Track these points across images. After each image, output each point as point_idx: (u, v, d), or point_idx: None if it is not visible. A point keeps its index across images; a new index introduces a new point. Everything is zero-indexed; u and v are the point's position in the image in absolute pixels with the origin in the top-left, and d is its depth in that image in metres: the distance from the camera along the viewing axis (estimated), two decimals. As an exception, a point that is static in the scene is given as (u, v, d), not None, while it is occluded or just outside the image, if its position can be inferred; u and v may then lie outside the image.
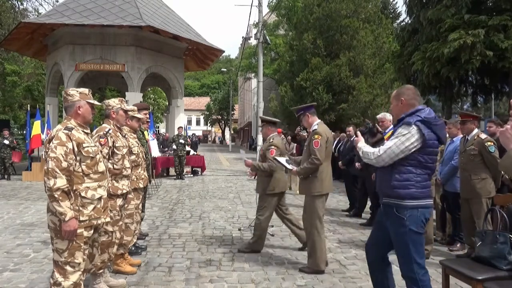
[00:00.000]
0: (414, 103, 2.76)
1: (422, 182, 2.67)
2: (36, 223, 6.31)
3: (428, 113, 2.69)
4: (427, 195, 2.71)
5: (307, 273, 4.07)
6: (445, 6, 10.27)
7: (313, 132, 4.09)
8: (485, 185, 4.41)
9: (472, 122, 4.62)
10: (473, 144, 4.51)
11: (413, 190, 2.66)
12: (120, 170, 3.64)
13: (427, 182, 2.72)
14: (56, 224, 2.73)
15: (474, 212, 4.46)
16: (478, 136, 4.52)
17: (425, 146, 2.63)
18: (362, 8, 18.76)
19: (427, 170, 2.70)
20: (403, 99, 2.78)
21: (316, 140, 3.99)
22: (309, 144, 4.09)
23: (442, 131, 2.70)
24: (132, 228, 4.15)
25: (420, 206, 2.67)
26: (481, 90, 13.09)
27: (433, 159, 2.72)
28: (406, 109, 2.76)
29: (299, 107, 4.40)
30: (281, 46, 25.21)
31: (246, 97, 46.90)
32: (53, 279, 2.76)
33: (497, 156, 4.39)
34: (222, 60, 59.84)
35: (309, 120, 4.22)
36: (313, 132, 4.08)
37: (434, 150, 2.69)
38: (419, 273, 2.68)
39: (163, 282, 3.83)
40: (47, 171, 2.64)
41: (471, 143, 4.54)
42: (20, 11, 20.78)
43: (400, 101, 2.80)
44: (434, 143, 2.67)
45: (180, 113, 16.41)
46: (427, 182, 2.72)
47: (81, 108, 2.93)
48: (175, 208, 7.74)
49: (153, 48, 14.95)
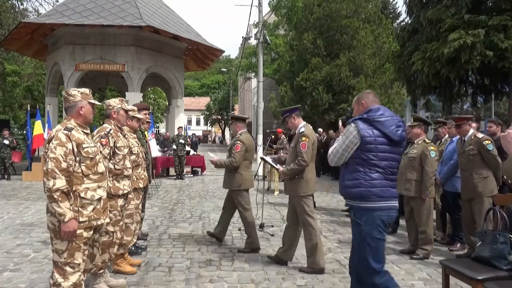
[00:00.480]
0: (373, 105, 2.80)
1: (370, 181, 2.67)
2: (36, 223, 6.31)
3: (376, 111, 2.73)
4: (381, 196, 2.66)
5: (307, 272, 4.07)
6: (445, 6, 10.25)
7: (300, 134, 4.14)
8: (487, 183, 4.42)
9: (466, 123, 4.65)
10: (471, 144, 4.53)
11: (362, 189, 2.67)
12: (121, 170, 3.64)
13: (379, 181, 2.68)
14: (55, 224, 2.73)
15: (475, 212, 4.46)
16: (475, 136, 4.55)
17: (364, 143, 2.65)
18: (362, 8, 18.76)
19: (376, 168, 2.68)
20: (363, 103, 2.85)
21: (304, 142, 4.05)
22: (295, 146, 4.14)
23: (389, 127, 2.68)
24: (132, 228, 4.15)
25: (376, 208, 2.65)
26: (481, 90, 13.07)
27: (379, 157, 2.68)
28: None
29: (285, 109, 4.48)
30: (281, 46, 25.20)
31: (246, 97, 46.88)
32: (53, 280, 2.75)
33: (495, 153, 4.41)
34: (222, 60, 59.79)
35: (295, 122, 4.29)
36: (301, 134, 4.13)
37: (377, 147, 2.66)
38: (374, 278, 2.67)
39: (163, 282, 3.83)
40: (47, 172, 2.64)
41: (469, 143, 4.56)
42: (20, 11, 20.77)
43: (361, 104, 2.87)
44: (376, 139, 2.66)
45: (180, 113, 16.41)
46: (378, 181, 2.68)
47: (83, 109, 2.93)
48: (175, 208, 7.74)
49: (153, 48, 14.95)
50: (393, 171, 2.77)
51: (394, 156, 2.77)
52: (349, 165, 2.75)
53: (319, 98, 17.54)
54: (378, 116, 2.70)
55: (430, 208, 4.70)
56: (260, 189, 7.14)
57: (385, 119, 2.70)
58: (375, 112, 2.73)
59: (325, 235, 5.71)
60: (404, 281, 3.94)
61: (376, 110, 2.75)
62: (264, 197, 6.58)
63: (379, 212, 2.67)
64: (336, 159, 2.77)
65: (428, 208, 4.68)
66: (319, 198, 9.21)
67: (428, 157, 4.62)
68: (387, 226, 2.75)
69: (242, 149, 4.73)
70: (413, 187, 4.67)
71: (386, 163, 2.71)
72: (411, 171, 4.72)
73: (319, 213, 7.32)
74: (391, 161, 2.74)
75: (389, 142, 2.69)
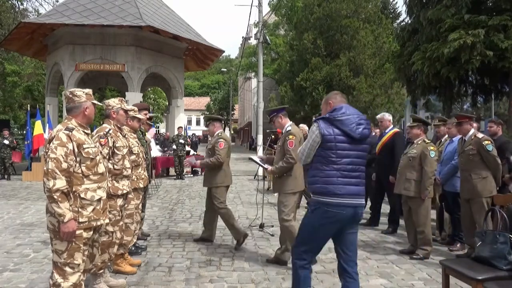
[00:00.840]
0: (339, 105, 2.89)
1: (325, 178, 2.76)
2: (36, 223, 6.31)
3: (338, 111, 2.81)
4: (335, 193, 2.73)
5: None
6: (445, 6, 10.26)
7: (287, 133, 4.25)
8: (486, 184, 4.41)
9: (468, 122, 4.64)
10: (471, 144, 4.52)
11: (318, 186, 2.79)
12: (120, 170, 3.63)
13: (335, 179, 2.74)
14: (55, 225, 2.73)
15: (474, 212, 4.46)
16: (476, 136, 4.54)
17: (324, 141, 2.75)
18: (362, 8, 18.76)
19: (333, 166, 2.75)
20: (330, 103, 2.93)
21: (291, 140, 4.15)
22: (283, 145, 4.24)
23: (348, 126, 2.75)
24: (132, 228, 4.15)
25: (326, 203, 2.75)
26: (481, 90, 13.07)
27: (339, 154, 2.75)
28: None
29: (272, 109, 4.59)
30: (281, 46, 25.21)
31: (246, 97, 46.91)
32: (53, 280, 2.75)
33: (495, 154, 4.41)
34: (222, 60, 59.81)
35: (282, 122, 4.41)
36: (288, 133, 4.25)
37: (337, 145, 2.75)
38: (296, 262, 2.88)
39: (163, 282, 3.83)
40: (47, 172, 2.63)
41: (469, 143, 4.55)
42: (20, 11, 20.77)
43: (328, 104, 2.95)
44: (336, 138, 2.74)
45: (180, 113, 16.41)
46: (333, 178, 2.74)
47: (87, 109, 2.94)
48: (175, 208, 7.74)
49: (153, 48, 14.95)
50: (356, 168, 2.80)
51: (357, 153, 2.81)
52: (313, 163, 2.87)
53: (319, 98, 17.50)
54: (340, 115, 2.78)
55: (428, 208, 4.70)
56: (260, 189, 7.14)
57: (345, 118, 2.77)
58: (337, 111, 2.81)
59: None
60: (404, 281, 3.94)
61: (339, 109, 2.82)
62: (264, 197, 6.58)
63: (329, 207, 2.74)
64: (304, 157, 2.89)
65: (426, 209, 4.67)
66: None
67: (427, 157, 4.62)
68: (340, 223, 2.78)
69: (225, 146, 4.98)
70: (412, 187, 4.67)
71: (347, 160, 2.77)
72: (410, 170, 4.72)
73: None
74: (353, 158, 2.79)
75: (349, 140, 2.76)
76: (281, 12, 25.84)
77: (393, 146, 5.93)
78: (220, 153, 4.90)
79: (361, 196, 2.84)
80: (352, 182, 2.78)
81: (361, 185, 2.84)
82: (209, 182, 5.05)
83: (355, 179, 2.80)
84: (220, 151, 4.91)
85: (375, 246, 5.23)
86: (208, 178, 5.07)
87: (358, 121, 2.78)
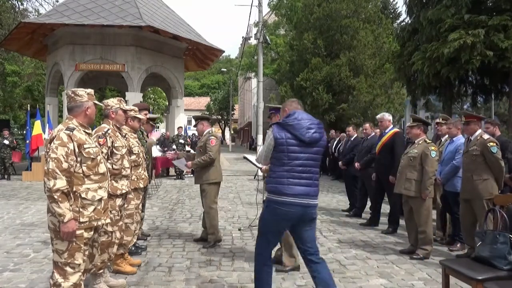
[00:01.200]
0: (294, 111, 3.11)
1: (276, 178, 2.98)
2: (36, 223, 6.31)
3: (291, 116, 3.03)
4: (284, 193, 2.93)
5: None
6: (445, 6, 10.25)
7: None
8: (487, 185, 4.39)
9: (476, 123, 4.62)
10: (475, 144, 4.50)
11: (270, 185, 3.03)
12: (119, 170, 3.63)
13: (286, 179, 2.94)
14: (56, 225, 2.73)
15: (475, 213, 4.45)
16: (481, 137, 4.52)
17: (277, 144, 2.98)
18: (362, 8, 18.75)
19: (284, 167, 2.96)
20: (286, 109, 3.20)
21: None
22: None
23: (299, 130, 2.96)
24: (132, 228, 4.15)
25: (276, 202, 2.97)
26: (481, 90, 13.06)
27: (290, 157, 2.95)
28: None
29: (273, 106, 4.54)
30: (281, 46, 25.20)
31: (246, 97, 46.89)
32: (53, 280, 2.75)
33: (499, 156, 4.37)
34: (222, 60, 59.78)
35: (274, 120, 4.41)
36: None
37: (288, 147, 2.96)
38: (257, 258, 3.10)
39: (163, 282, 3.83)
40: (48, 172, 2.63)
41: (473, 143, 4.53)
42: (20, 11, 20.77)
43: (284, 111, 3.22)
44: (287, 141, 2.96)
45: (180, 113, 16.40)
46: (284, 179, 2.95)
47: (89, 109, 2.95)
48: (175, 208, 7.75)
49: (153, 48, 14.94)
50: (305, 170, 2.98)
51: (308, 155, 2.99)
52: (270, 165, 3.11)
53: (319, 98, 17.53)
54: (291, 120, 3.00)
55: (429, 208, 4.70)
56: (260, 189, 7.13)
57: (296, 123, 2.98)
58: (290, 117, 3.04)
59: (325, 235, 5.72)
60: (404, 281, 3.94)
61: (292, 115, 3.05)
62: (264, 197, 6.57)
63: (278, 205, 2.96)
64: (262, 160, 3.19)
65: (428, 208, 4.67)
66: (319, 198, 9.21)
67: (428, 156, 4.62)
68: (289, 221, 3.01)
69: (217, 143, 5.05)
70: (413, 187, 4.67)
71: (297, 162, 2.96)
72: (411, 170, 4.72)
73: (319, 213, 7.33)
74: (303, 160, 2.97)
75: (300, 143, 2.96)
76: (281, 12, 25.85)
77: (393, 146, 5.93)
78: (211, 149, 4.96)
79: (312, 197, 3.00)
80: (302, 183, 2.96)
81: (312, 186, 3.01)
82: (201, 178, 5.08)
83: (306, 180, 2.97)
84: (212, 147, 4.97)
85: (375, 246, 5.23)
86: (200, 175, 5.09)
87: (309, 125, 2.99)
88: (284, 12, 25.78)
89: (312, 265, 3.04)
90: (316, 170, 3.07)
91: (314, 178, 3.04)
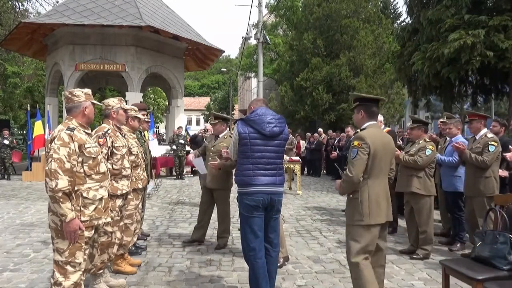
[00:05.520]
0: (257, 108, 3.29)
1: (242, 171, 3.18)
2: (36, 223, 6.31)
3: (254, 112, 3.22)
4: (250, 184, 3.12)
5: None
6: (445, 6, 10.24)
7: None
8: (489, 183, 4.43)
9: (479, 121, 4.67)
10: (479, 143, 4.56)
11: (237, 178, 3.22)
12: (119, 170, 3.63)
13: (251, 171, 3.14)
14: (57, 224, 2.73)
15: (476, 211, 4.49)
16: (486, 136, 4.57)
17: (240, 138, 3.19)
18: (362, 8, 18.79)
19: (249, 160, 3.16)
20: (252, 107, 3.39)
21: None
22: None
23: (260, 125, 3.15)
24: (132, 228, 4.15)
25: (245, 193, 3.16)
26: (481, 90, 13.06)
27: (253, 149, 3.15)
28: None
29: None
30: (281, 46, 25.21)
31: (246, 97, 46.89)
32: (54, 279, 2.76)
33: (491, 158, 4.40)
34: (222, 60, 59.81)
35: None
36: None
37: (251, 141, 3.16)
38: (249, 255, 3.15)
39: (163, 282, 3.83)
40: (49, 172, 2.63)
41: (478, 142, 4.60)
42: (20, 11, 20.77)
43: (250, 109, 3.42)
44: (250, 135, 3.16)
45: (180, 113, 16.42)
46: (249, 171, 3.14)
47: (87, 109, 2.95)
48: (175, 208, 7.74)
49: (153, 48, 14.95)
50: (269, 162, 3.19)
51: (269, 148, 3.20)
52: (238, 159, 3.28)
53: (319, 98, 17.55)
54: (253, 116, 3.20)
55: (430, 208, 4.70)
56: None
57: (257, 118, 3.18)
58: (253, 113, 3.24)
59: (325, 235, 5.72)
60: (404, 281, 3.94)
61: (255, 111, 3.25)
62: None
63: (248, 196, 3.14)
64: (232, 155, 3.39)
65: (429, 208, 4.67)
66: (319, 198, 9.22)
67: (424, 152, 4.64)
68: (261, 209, 3.15)
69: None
70: (414, 183, 4.67)
71: (260, 154, 3.16)
72: (411, 168, 4.73)
73: (319, 213, 7.33)
74: (265, 153, 3.18)
75: (261, 137, 3.17)
76: (280, 12, 25.86)
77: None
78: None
79: (277, 185, 3.21)
80: (267, 174, 3.16)
81: (277, 176, 3.22)
82: (220, 183, 4.87)
83: (270, 171, 3.18)
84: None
85: (375, 246, 5.21)
86: (220, 180, 4.84)
87: (269, 120, 3.18)
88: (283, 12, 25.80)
89: (266, 256, 3.19)
90: (280, 161, 3.28)
91: (278, 169, 3.25)
